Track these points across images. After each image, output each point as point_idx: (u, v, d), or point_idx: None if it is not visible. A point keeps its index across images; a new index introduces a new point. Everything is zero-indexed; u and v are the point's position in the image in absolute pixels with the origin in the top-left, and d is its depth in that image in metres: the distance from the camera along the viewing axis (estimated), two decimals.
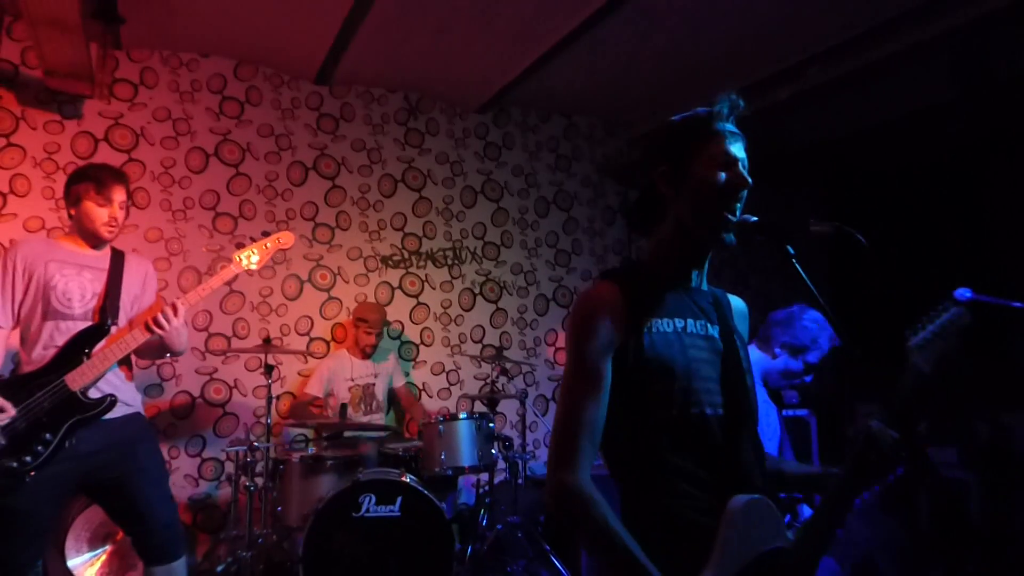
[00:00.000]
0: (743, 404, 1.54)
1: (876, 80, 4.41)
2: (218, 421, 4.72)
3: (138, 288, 3.04)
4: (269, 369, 4.04)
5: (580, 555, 4.39)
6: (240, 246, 3.20)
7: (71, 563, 3.88)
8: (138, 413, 2.99)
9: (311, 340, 5.02)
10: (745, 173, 1.56)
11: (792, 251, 1.67)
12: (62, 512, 2.93)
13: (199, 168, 4.80)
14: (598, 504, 1.38)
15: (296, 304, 5.00)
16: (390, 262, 5.32)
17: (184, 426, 4.64)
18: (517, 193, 5.79)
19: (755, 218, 1.70)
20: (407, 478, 3.71)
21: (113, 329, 2.90)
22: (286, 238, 3.29)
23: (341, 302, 5.13)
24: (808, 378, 3.05)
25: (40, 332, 2.81)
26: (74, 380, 2.75)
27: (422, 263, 5.42)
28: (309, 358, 4.96)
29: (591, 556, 3.57)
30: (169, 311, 2.87)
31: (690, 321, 1.56)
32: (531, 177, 5.86)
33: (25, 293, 2.84)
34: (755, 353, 2.98)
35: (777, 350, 2.91)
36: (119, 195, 2.94)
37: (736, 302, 1.75)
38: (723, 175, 1.54)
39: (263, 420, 4.65)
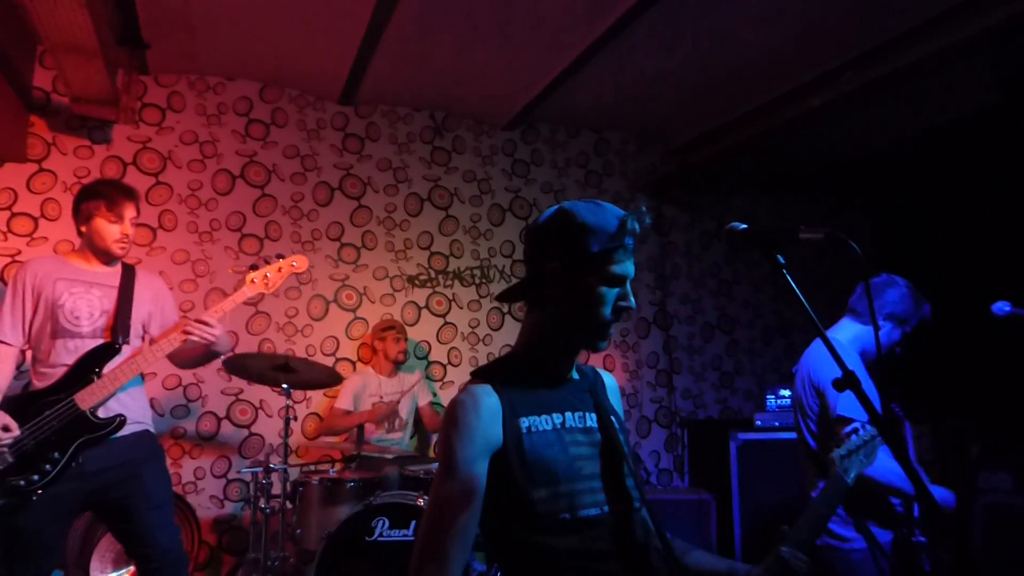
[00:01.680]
0: (626, 497, 1.51)
1: (914, 85, 4.20)
2: (244, 442, 4.72)
3: (149, 305, 3.04)
4: (287, 391, 4.00)
5: None
6: (254, 268, 3.16)
7: None
8: (147, 431, 2.97)
9: (337, 360, 5.00)
10: (631, 295, 1.54)
11: (782, 260, 1.57)
12: (69, 530, 2.93)
13: (225, 190, 4.84)
14: None
15: (321, 324, 4.99)
16: (416, 281, 5.27)
17: (210, 447, 4.64)
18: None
19: (744, 226, 1.60)
20: (422, 501, 3.62)
21: (124, 348, 2.90)
22: (300, 262, 3.22)
23: (367, 322, 5.09)
24: (899, 351, 2.89)
25: (49, 351, 2.83)
26: (83, 399, 2.74)
27: (449, 282, 5.37)
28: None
29: None
30: (203, 322, 2.91)
31: (568, 415, 1.53)
32: (561, 194, 5.77)
33: (35, 312, 2.86)
34: (853, 327, 2.81)
35: (881, 321, 2.77)
36: (130, 212, 2.94)
37: (608, 378, 1.72)
38: (614, 292, 1.51)
39: (289, 440, 4.63)
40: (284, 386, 3.97)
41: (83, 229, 2.94)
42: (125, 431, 2.83)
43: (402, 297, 5.23)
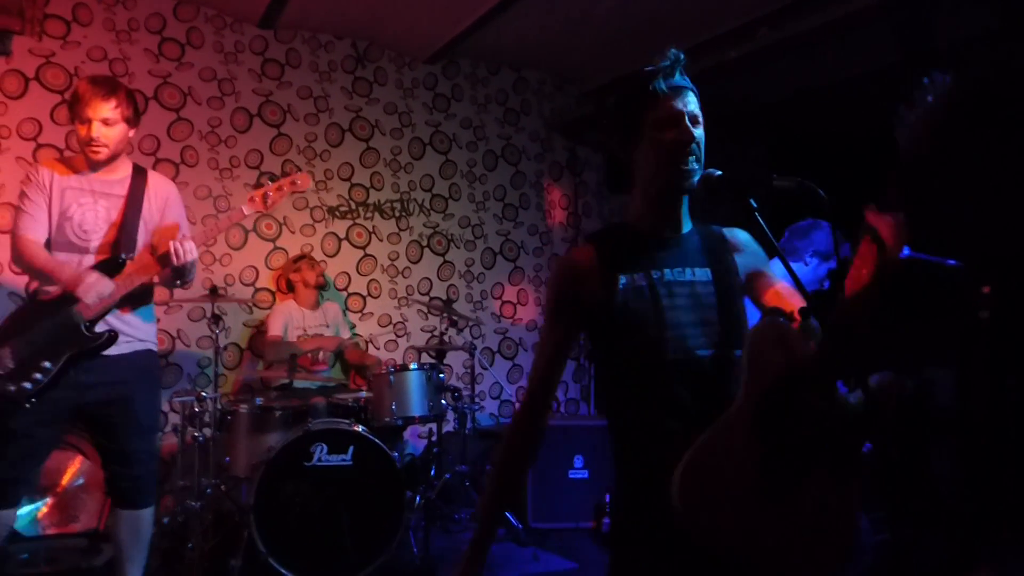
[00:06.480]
0: (733, 340, 1.61)
1: (823, 42, 4.49)
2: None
3: (158, 215, 2.89)
4: (217, 319, 3.97)
5: (527, 503, 4.51)
6: (258, 186, 3.05)
7: None
8: (148, 350, 2.88)
9: (256, 290, 4.95)
10: (690, 126, 1.62)
11: (755, 204, 1.74)
12: (58, 441, 2.83)
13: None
14: (505, 448, 1.67)
15: (241, 254, 4.91)
16: (337, 213, 5.25)
17: None
18: (465, 146, 5.76)
19: (719, 172, 1.76)
20: (359, 428, 3.72)
21: (128, 264, 2.77)
22: (303, 180, 3.07)
23: (287, 252, 5.05)
24: (827, 284, 3.21)
25: None
26: (85, 310, 2.65)
27: (369, 214, 5.37)
28: (254, 308, 4.90)
29: None
30: (180, 246, 2.75)
31: (667, 271, 1.64)
32: (480, 130, 5.83)
33: (49, 217, 2.73)
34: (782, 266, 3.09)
35: (808, 258, 3.08)
36: (99, 111, 2.67)
37: (732, 235, 1.80)
38: (668, 135, 1.61)
39: (208, 371, 4.60)
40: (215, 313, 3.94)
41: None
42: (126, 349, 2.76)
43: (322, 228, 5.20)
